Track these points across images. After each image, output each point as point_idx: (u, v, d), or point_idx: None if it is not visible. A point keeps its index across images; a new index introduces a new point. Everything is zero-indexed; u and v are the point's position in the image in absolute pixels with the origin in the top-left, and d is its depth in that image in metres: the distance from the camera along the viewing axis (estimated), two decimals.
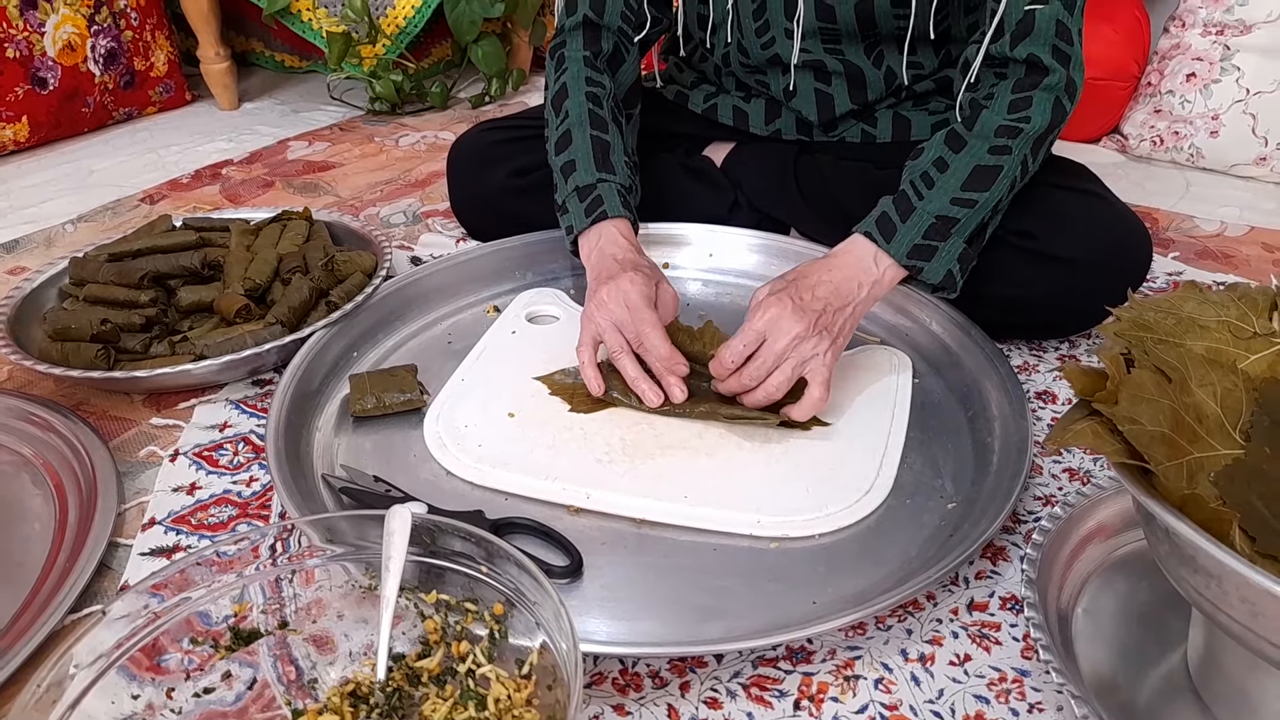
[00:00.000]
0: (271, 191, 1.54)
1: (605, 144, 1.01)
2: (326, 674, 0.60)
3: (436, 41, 2.07)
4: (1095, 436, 0.53)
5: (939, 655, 0.69)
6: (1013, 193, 0.92)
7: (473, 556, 0.59)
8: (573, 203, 1.00)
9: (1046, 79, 0.89)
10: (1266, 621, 0.49)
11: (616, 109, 1.06)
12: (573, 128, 1.02)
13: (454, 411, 0.90)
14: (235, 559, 0.59)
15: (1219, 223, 1.40)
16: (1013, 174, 0.90)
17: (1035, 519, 0.82)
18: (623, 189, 1.00)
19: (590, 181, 0.99)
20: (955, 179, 0.89)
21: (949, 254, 0.89)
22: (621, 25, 1.08)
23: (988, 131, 0.90)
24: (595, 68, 1.06)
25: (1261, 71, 1.48)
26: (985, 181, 0.89)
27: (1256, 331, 0.54)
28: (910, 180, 0.91)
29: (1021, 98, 0.90)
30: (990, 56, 0.92)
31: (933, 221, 0.88)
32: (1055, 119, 0.90)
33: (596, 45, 1.07)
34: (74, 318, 0.99)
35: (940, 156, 0.91)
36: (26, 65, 1.62)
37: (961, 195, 0.89)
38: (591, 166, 1.00)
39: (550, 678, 0.55)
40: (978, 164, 0.89)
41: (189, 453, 0.90)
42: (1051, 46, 0.89)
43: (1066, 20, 0.89)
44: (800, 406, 0.84)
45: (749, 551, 0.77)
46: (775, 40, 1.07)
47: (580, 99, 1.03)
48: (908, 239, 0.88)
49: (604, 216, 0.97)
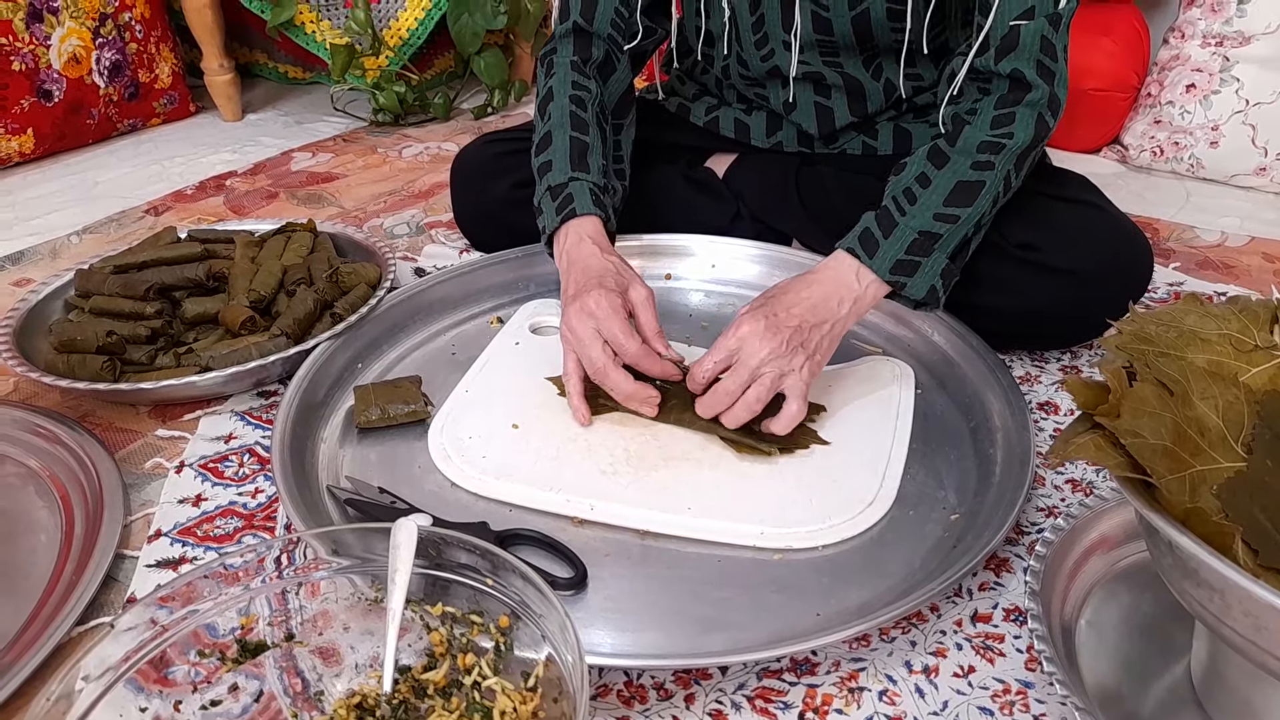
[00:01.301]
0: (275, 203, 1.55)
1: (584, 144, 1.00)
2: (332, 686, 0.60)
3: (439, 53, 2.08)
4: (1098, 450, 0.53)
5: (943, 667, 0.69)
6: (995, 208, 0.91)
7: (478, 569, 0.59)
8: (545, 203, 0.99)
9: (1029, 95, 0.89)
10: (1270, 635, 0.49)
11: (602, 114, 1.06)
12: (553, 129, 1.02)
13: (458, 423, 0.91)
14: (241, 571, 0.59)
15: (1219, 233, 1.41)
16: (995, 189, 0.89)
17: (1038, 530, 0.82)
18: (596, 187, 0.98)
19: (563, 180, 0.98)
20: (938, 194, 0.89)
21: (932, 269, 0.89)
22: (611, 33, 1.08)
23: (970, 147, 0.89)
24: (583, 73, 1.06)
25: (1261, 82, 1.49)
26: (968, 197, 0.89)
27: (1258, 344, 0.54)
28: (893, 196, 0.91)
29: (1004, 114, 0.90)
30: (974, 70, 0.92)
31: (915, 237, 0.88)
32: (1038, 135, 0.90)
33: (586, 52, 1.08)
34: (79, 329, 0.99)
35: (923, 172, 0.91)
36: (32, 78, 1.63)
37: (944, 211, 0.88)
38: (566, 166, 0.99)
39: (556, 690, 0.55)
40: (960, 180, 0.89)
41: (194, 464, 0.91)
42: (1036, 62, 0.89)
43: (1052, 36, 0.89)
44: (779, 420, 0.83)
45: (753, 563, 0.77)
46: (775, 53, 1.07)
47: (564, 102, 1.03)
48: (890, 255, 0.88)
49: (573, 215, 0.96)
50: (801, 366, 0.83)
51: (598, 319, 0.86)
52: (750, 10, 1.06)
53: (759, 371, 0.82)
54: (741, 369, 0.83)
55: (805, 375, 0.83)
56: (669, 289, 1.16)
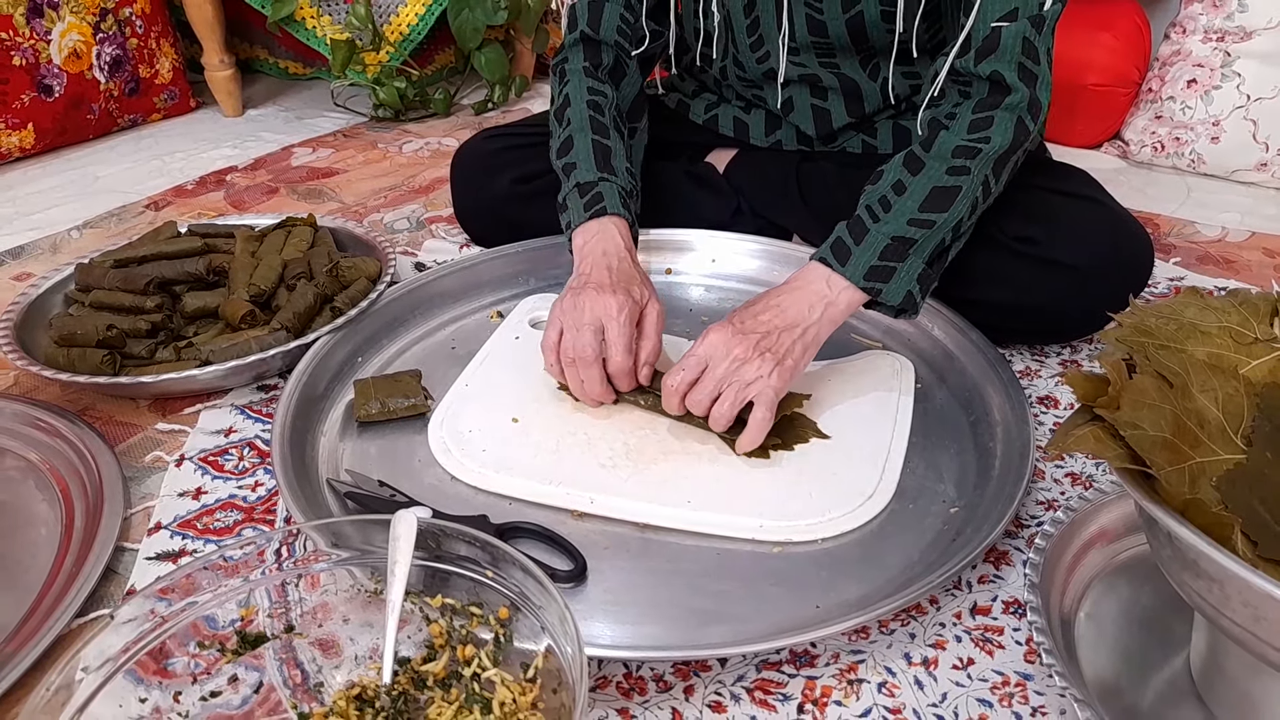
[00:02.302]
0: (276, 198, 1.55)
1: (606, 148, 1.02)
2: (332, 678, 0.60)
3: (440, 48, 2.08)
4: (1097, 442, 0.53)
5: (942, 659, 0.69)
6: (975, 213, 0.90)
7: (478, 561, 0.59)
8: (573, 199, 1.00)
9: (1008, 98, 0.88)
10: (1269, 625, 0.49)
11: (619, 118, 1.07)
12: (574, 133, 1.03)
13: (458, 416, 0.91)
14: (241, 563, 0.59)
15: (1220, 228, 1.41)
16: (973, 194, 0.88)
17: (1038, 523, 0.82)
18: (623, 191, 1.00)
19: (591, 179, 1.00)
20: (913, 201, 0.88)
21: (907, 275, 0.88)
22: (619, 40, 1.09)
23: (945, 152, 0.88)
24: (597, 79, 1.07)
25: (1262, 78, 1.49)
26: (943, 203, 0.88)
27: (1257, 337, 0.54)
28: (866, 205, 0.90)
29: (982, 117, 0.89)
30: (955, 72, 0.92)
31: (888, 243, 0.87)
32: (1017, 138, 0.89)
33: (597, 59, 1.09)
34: (80, 323, 0.99)
35: (898, 179, 0.90)
36: (32, 73, 1.63)
37: (919, 216, 0.87)
38: (593, 166, 1.00)
39: (555, 681, 0.55)
40: (935, 185, 0.88)
41: (194, 458, 0.91)
42: (1017, 65, 0.88)
43: (1034, 39, 0.88)
44: (746, 431, 0.83)
45: (752, 556, 0.77)
46: (770, 55, 1.07)
47: (581, 107, 1.04)
48: (863, 261, 0.87)
49: (603, 213, 0.98)
50: (770, 373, 0.82)
51: (610, 318, 0.87)
52: (745, 13, 1.06)
53: (726, 380, 0.82)
54: (708, 379, 0.83)
55: (774, 381, 0.83)
56: (670, 283, 1.16)
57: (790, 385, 0.85)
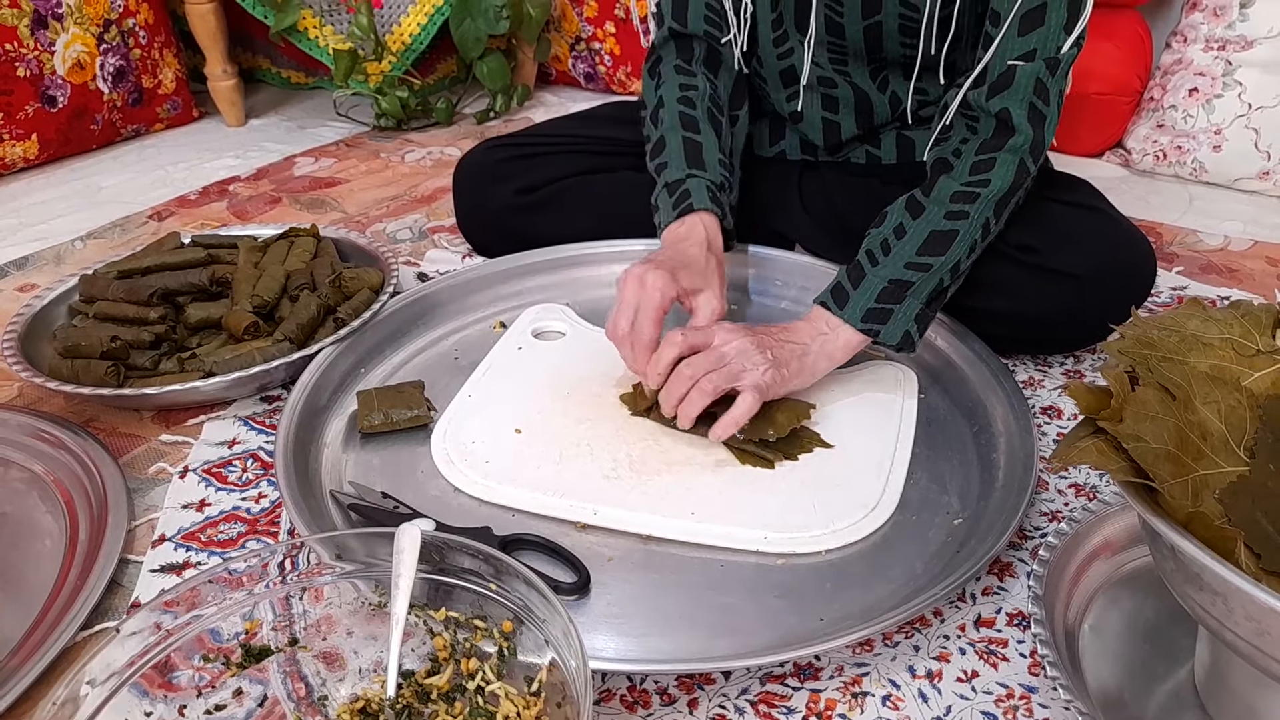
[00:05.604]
0: (278, 208, 1.55)
1: (696, 144, 1.03)
2: (336, 691, 0.60)
3: (442, 58, 2.08)
4: (1100, 454, 0.53)
5: (946, 672, 0.69)
6: (974, 255, 0.92)
7: (481, 574, 0.59)
8: (662, 199, 1.01)
9: (1011, 140, 0.89)
10: (1273, 639, 0.49)
11: (715, 108, 1.07)
12: (666, 134, 1.04)
13: (461, 428, 0.91)
14: (245, 576, 0.59)
15: (1223, 237, 1.41)
16: (972, 237, 0.90)
17: (1041, 535, 0.82)
18: (712, 185, 1.00)
19: (680, 177, 1.01)
20: (911, 245, 0.90)
21: (905, 316, 0.90)
22: (707, 29, 1.09)
23: (944, 197, 0.90)
24: (688, 72, 1.08)
25: (1263, 86, 1.49)
26: (941, 246, 0.89)
27: (1260, 349, 0.54)
28: (868, 249, 0.92)
29: (985, 159, 0.90)
30: (966, 104, 0.93)
31: (885, 285, 0.89)
32: (1017, 180, 0.91)
33: (688, 52, 1.09)
34: (84, 335, 0.99)
35: (900, 223, 0.92)
36: (36, 84, 1.63)
37: (916, 260, 0.89)
38: (682, 164, 1.01)
39: (559, 695, 0.55)
40: (934, 229, 0.90)
41: (198, 469, 0.91)
42: (1028, 105, 0.89)
43: (1047, 80, 0.89)
44: (729, 414, 0.83)
45: (756, 568, 0.77)
46: (793, 51, 1.08)
47: (673, 107, 1.05)
48: (860, 304, 0.90)
49: (690, 209, 0.98)
50: (766, 370, 0.84)
51: (645, 293, 0.87)
52: (770, 7, 1.06)
53: (727, 358, 0.84)
54: (711, 353, 0.84)
55: (766, 378, 0.84)
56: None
57: (779, 393, 0.87)
